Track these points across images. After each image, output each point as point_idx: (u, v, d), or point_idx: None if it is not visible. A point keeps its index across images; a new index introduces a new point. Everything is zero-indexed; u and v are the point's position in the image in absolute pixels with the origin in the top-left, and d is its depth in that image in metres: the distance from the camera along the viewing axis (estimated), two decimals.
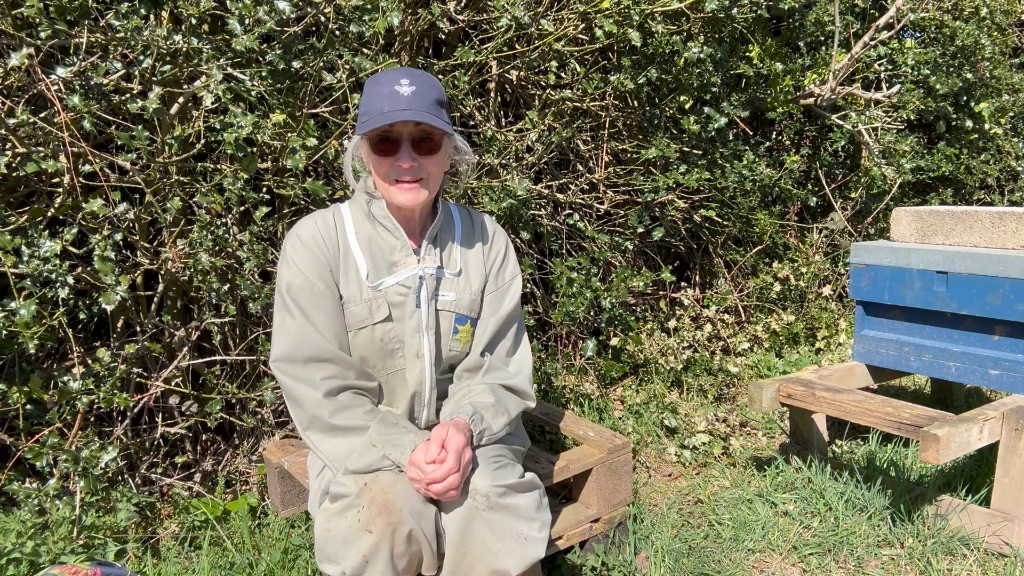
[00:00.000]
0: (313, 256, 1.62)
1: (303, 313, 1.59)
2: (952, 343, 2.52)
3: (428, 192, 1.60)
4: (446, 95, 1.62)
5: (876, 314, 2.74)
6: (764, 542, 2.27)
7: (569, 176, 3.39)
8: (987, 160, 4.99)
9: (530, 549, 1.47)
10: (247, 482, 2.53)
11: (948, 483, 2.49)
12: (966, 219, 2.53)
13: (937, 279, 2.49)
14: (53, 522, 2.06)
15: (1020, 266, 2.26)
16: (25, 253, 2.03)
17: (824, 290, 4.19)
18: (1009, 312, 2.30)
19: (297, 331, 1.59)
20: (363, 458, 1.50)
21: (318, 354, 1.58)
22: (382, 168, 1.57)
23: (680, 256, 4.14)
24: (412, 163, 1.54)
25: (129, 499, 2.19)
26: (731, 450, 2.92)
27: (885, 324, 2.71)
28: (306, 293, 1.59)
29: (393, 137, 1.54)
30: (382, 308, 1.64)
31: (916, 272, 2.54)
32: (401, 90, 1.51)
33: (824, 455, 2.67)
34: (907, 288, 2.57)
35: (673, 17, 3.19)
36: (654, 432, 3.05)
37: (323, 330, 1.59)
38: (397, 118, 1.48)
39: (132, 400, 2.26)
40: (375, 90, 1.54)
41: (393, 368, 1.68)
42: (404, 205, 1.59)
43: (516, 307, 1.79)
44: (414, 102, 1.50)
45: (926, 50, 4.28)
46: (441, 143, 1.59)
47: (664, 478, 2.78)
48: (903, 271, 2.58)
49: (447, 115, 1.60)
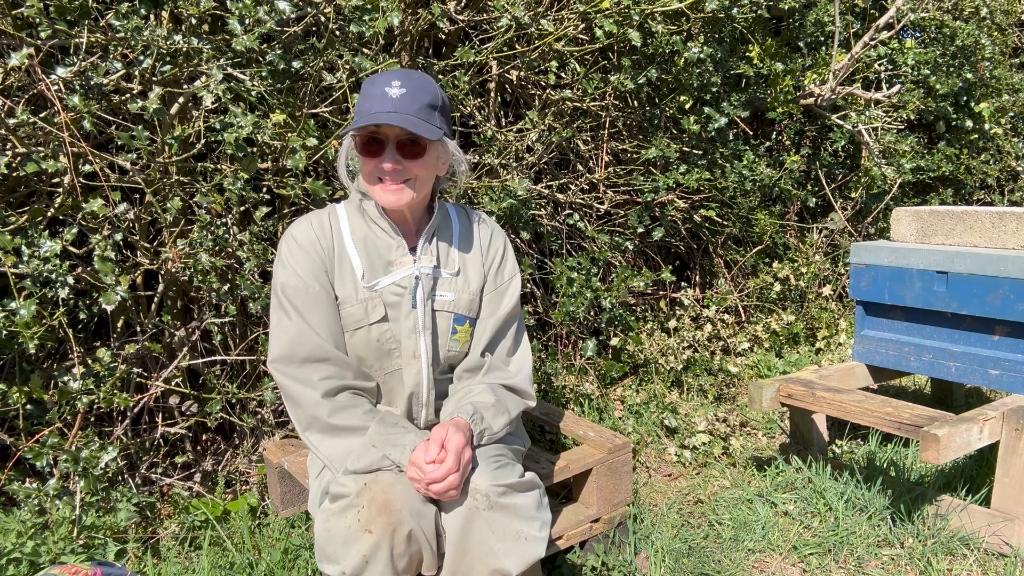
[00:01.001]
0: (308, 256, 1.61)
1: (299, 313, 1.59)
2: (952, 343, 2.52)
3: (414, 193, 1.59)
4: (442, 98, 1.60)
5: (876, 314, 2.74)
6: (764, 542, 2.27)
7: (569, 176, 3.39)
8: (987, 160, 4.99)
9: (530, 548, 1.47)
10: (247, 482, 2.53)
11: (948, 483, 2.49)
12: (966, 219, 2.53)
13: (937, 279, 2.49)
14: (53, 522, 2.06)
15: (1020, 266, 2.26)
16: (25, 253, 2.03)
17: (824, 290, 4.19)
18: (1009, 312, 2.30)
19: (294, 331, 1.59)
20: (363, 458, 1.50)
21: (315, 354, 1.58)
22: (367, 168, 1.57)
23: (680, 256, 4.14)
24: (395, 165, 1.54)
25: (129, 499, 2.19)
26: (731, 450, 2.92)
27: (885, 324, 2.71)
28: (301, 293, 1.59)
29: (380, 138, 1.54)
30: (378, 308, 1.64)
31: (916, 272, 2.54)
32: (391, 92, 1.51)
33: (824, 455, 2.67)
34: (907, 288, 2.57)
35: (673, 17, 3.19)
36: (654, 432, 3.05)
37: (319, 330, 1.59)
38: (380, 120, 1.49)
39: (132, 400, 2.26)
40: (368, 90, 1.55)
41: (390, 368, 1.68)
42: (387, 206, 1.59)
43: (516, 306, 1.78)
44: (401, 105, 1.50)
45: (926, 50, 4.28)
46: (427, 146, 1.57)
47: (664, 478, 2.78)
48: (903, 271, 2.58)
49: (441, 119, 1.59)
